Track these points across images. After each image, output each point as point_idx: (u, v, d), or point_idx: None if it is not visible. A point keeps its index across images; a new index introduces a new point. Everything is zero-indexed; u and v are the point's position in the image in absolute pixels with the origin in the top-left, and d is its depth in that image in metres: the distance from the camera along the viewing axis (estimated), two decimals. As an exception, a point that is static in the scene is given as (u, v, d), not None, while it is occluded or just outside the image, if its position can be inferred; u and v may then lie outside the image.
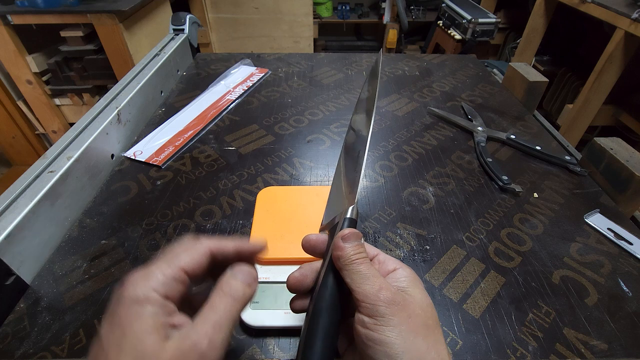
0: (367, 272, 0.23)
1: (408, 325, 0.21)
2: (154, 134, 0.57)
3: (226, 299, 0.21)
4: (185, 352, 0.18)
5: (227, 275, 0.23)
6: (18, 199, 0.37)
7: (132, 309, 0.18)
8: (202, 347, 0.18)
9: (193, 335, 0.19)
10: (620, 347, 0.31)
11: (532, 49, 1.70)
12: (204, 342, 0.18)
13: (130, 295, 0.19)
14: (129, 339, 0.18)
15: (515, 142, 0.56)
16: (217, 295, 0.21)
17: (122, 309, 0.18)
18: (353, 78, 0.76)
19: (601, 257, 0.40)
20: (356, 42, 2.76)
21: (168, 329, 0.19)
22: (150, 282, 0.19)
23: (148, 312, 0.18)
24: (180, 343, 0.18)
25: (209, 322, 0.20)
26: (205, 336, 0.19)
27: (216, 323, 0.20)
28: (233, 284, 0.22)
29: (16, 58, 1.29)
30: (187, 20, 0.81)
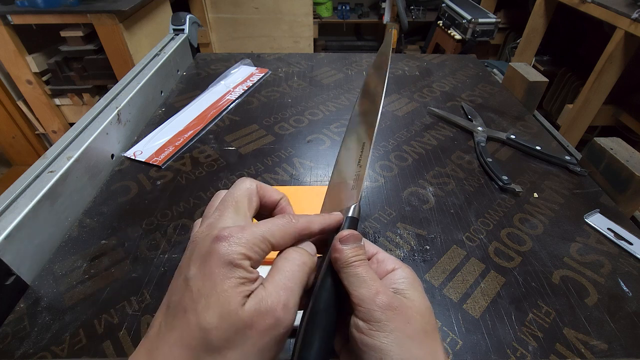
0: (365, 275, 0.22)
1: (405, 331, 0.20)
2: (154, 134, 0.57)
3: (294, 264, 0.21)
4: (262, 314, 0.18)
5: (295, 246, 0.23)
6: (18, 199, 0.37)
7: (225, 269, 0.19)
8: (278, 312, 0.19)
9: (269, 299, 0.19)
10: (620, 347, 0.31)
11: (532, 49, 1.70)
12: (279, 307, 0.19)
13: (226, 254, 0.19)
14: (218, 296, 0.18)
15: (515, 142, 0.56)
16: (285, 260, 0.21)
17: (216, 265, 0.19)
18: (353, 78, 0.76)
19: (601, 257, 0.40)
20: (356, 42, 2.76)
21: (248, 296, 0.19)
22: (243, 247, 0.20)
23: (237, 275, 0.19)
24: (258, 305, 0.19)
25: (281, 286, 0.20)
26: (279, 301, 0.19)
27: (287, 286, 0.20)
28: (300, 251, 0.22)
29: (16, 58, 1.29)
30: (187, 20, 0.81)
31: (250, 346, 0.18)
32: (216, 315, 0.18)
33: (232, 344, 0.18)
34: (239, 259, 0.19)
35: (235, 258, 0.19)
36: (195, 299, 0.18)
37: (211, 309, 0.18)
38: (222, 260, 0.19)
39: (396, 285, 0.23)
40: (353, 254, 0.23)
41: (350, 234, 0.24)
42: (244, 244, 0.20)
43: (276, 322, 0.19)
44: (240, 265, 0.19)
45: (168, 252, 0.39)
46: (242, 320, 0.18)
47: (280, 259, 0.22)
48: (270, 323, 0.19)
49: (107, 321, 0.33)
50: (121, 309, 0.34)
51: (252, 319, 0.18)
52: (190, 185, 0.48)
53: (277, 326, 0.19)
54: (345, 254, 0.23)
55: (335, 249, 0.24)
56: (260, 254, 0.20)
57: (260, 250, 0.20)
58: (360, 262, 0.23)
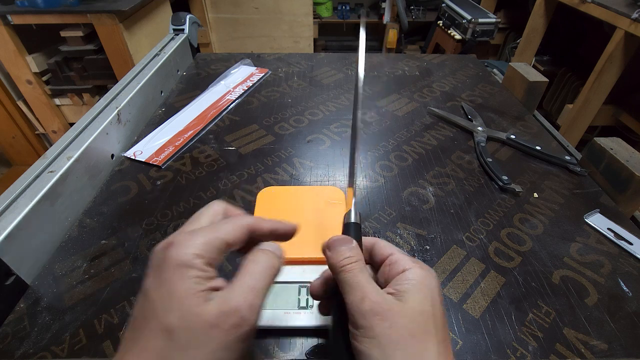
0: (352, 281, 0.22)
1: (388, 336, 0.20)
2: (154, 134, 0.57)
3: (261, 266, 0.22)
4: (226, 314, 0.19)
5: (260, 247, 0.24)
6: (18, 199, 0.37)
7: (178, 271, 0.19)
8: (243, 311, 0.19)
9: (233, 299, 0.19)
10: (620, 347, 0.31)
11: (532, 49, 1.70)
12: (244, 307, 0.19)
13: (177, 257, 0.19)
14: (176, 298, 0.18)
15: (515, 142, 0.56)
16: (252, 263, 0.22)
17: (169, 270, 0.19)
18: (353, 78, 0.76)
19: (601, 257, 0.40)
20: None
21: (209, 292, 0.19)
22: (194, 247, 0.20)
23: (191, 275, 0.19)
24: (222, 305, 0.19)
25: (246, 286, 0.20)
26: (245, 301, 0.20)
27: (254, 288, 0.21)
28: (267, 254, 0.23)
29: (16, 58, 1.29)
30: (187, 20, 0.81)
31: (215, 345, 0.18)
32: (177, 317, 0.18)
33: (197, 344, 0.18)
34: (191, 259, 0.19)
35: (186, 260, 0.19)
36: (154, 307, 0.19)
37: (171, 311, 0.18)
38: (174, 264, 0.19)
39: (399, 286, 0.23)
40: (341, 259, 0.23)
41: (336, 240, 0.25)
42: (194, 245, 0.20)
43: (241, 322, 0.19)
44: (193, 265, 0.19)
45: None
46: (206, 320, 0.18)
47: (248, 261, 0.22)
48: (235, 322, 0.19)
49: (107, 321, 0.33)
50: (121, 309, 0.34)
51: (217, 319, 0.18)
52: (190, 185, 0.48)
53: (242, 325, 0.19)
54: (332, 261, 0.24)
55: (325, 256, 0.24)
56: (214, 251, 0.21)
57: (213, 248, 0.21)
58: (349, 267, 0.23)
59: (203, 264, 0.20)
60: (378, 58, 0.84)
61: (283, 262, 0.24)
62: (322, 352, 0.31)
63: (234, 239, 0.22)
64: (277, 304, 0.32)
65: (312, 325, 0.31)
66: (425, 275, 0.23)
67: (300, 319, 0.31)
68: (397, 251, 0.25)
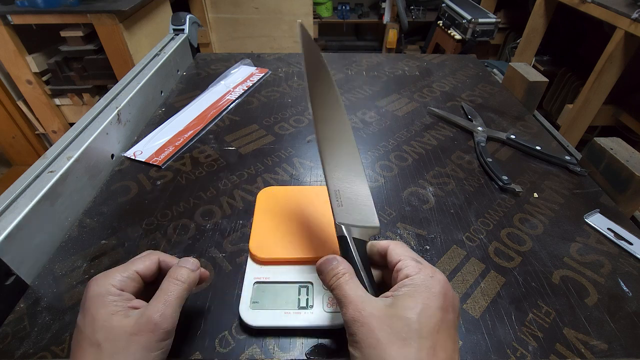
0: (340, 295, 0.25)
1: (366, 341, 0.22)
2: (154, 134, 0.57)
3: (173, 282, 0.27)
4: (142, 324, 0.24)
5: (175, 265, 0.28)
6: (18, 199, 0.37)
7: (98, 300, 0.25)
8: (155, 319, 0.24)
9: (148, 311, 0.24)
10: (620, 347, 0.31)
11: (532, 49, 1.70)
12: (156, 315, 0.24)
13: (95, 290, 0.25)
14: (99, 320, 0.24)
15: (515, 142, 0.56)
16: (167, 281, 0.27)
17: (90, 302, 0.25)
18: (353, 78, 0.76)
19: (601, 257, 0.40)
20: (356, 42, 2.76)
21: (128, 310, 0.25)
22: (109, 280, 0.26)
23: (109, 300, 0.25)
24: (138, 318, 0.24)
25: (160, 301, 0.25)
26: (157, 311, 0.24)
27: (165, 301, 0.25)
28: (179, 270, 0.28)
29: (16, 58, 1.29)
30: (187, 20, 0.81)
31: (136, 348, 0.23)
32: (102, 333, 0.23)
33: (121, 350, 0.23)
34: (108, 289, 0.25)
35: (104, 290, 0.25)
36: (84, 331, 0.24)
37: (97, 330, 0.23)
38: (94, 295, 0.25)
39: (396, 292, 0.24)
40: (328, 280, 0.26)
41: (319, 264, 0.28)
42: (111, 278, 0.26)
43: (154, 327, 0.24)
44: (110, 292, 0.25)
45: (168, 252, 0.39)
46: (126, 330, 0.23)
47: (164, 281, 0.27)
48: (150, 328, 0.24)
49: (107, 321, 0.33)
50: (121, 309, 0.34)
51: (134, 328, 0.23)
52: (190, 185, 0.48)
53: (156, 330, 0.24)
54: (324, 283, 0.27)
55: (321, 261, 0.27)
56: (127, 282, 0.26)
57: (127, 278, 0.26)
58: (335, 284, 0.26)
59: (118, 290, 0.25)
60: (378, 58, 0.84)
61: (199, 273, 0.29)
62: (323, 352, 0.31)
63: (145, 270, 0.28)
64: (277, 304, 0.32)
65: (312, 325, 0.31)
66: (423, 282, 0.24)
67: (300, 319, 0.31)
68: (406, 256, 0.26)
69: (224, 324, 0.32)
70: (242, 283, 0.34)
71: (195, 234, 0.41)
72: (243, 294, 0.33)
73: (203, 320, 0.33)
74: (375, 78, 0.76)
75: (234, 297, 0.35)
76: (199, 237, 0.41)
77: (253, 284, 0.34)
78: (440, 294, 0.23)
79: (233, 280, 0.36)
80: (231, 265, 0.38)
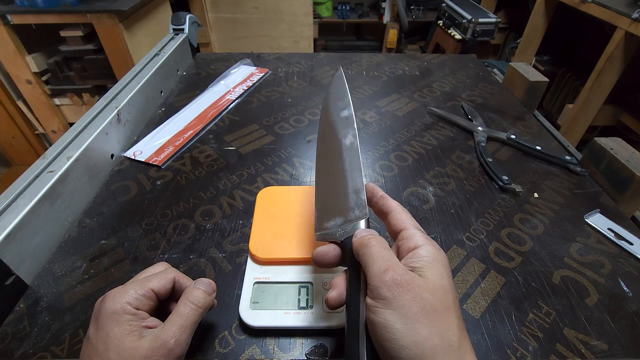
0: (376, 254, 0.23)
1: (410, 308, 0.21)
2: (153, 133, 0.57)
3: (189, 305, 0.26)
4: (156, 348, 0.23)
5: (191, 287, 0.28)
6: (18, 199, 0.37)
7: (113, 317, 0.24)
8: (170, 345, 0.24)
9: (163, 335, 0.24)
10: (620, 347, 0.31)
11: (532, 49, 1.70)
12: (171, 341, 0.24)
13: (111, 307, 0.24)
14: (112, 339, 0.23)
15: (515, 142, 0.56)
16: (182, 304, 0.26)
17: (105, 319, 0.24)
18: (353, 78, 0.76)
19: (601, 257, 0.40)
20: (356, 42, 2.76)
21: (143, 330, 0.24)
22: (125, 297, 0.25)
23: (125, 319, 0.24)
24: (153, 342, 0.24)
25: (175, 325, 0.25)
26: (172, 336, 0.24)
27: (181, 326, 0.25)
28: (195, 293, 0.27)
29: (16, 58, 1.29)
30: (187, 20, 0.81)
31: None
32: (115, 353, 0.23)
33: None
34: (123, 307, 0.24)
35: (119, 308, 0.24)
36: (96, 348, 0.23)
37: (110, 350, 0.23)
38: (108, 312, 0.24)
39: (414, 263, 0.23)
40: (367, 236, 0.25)
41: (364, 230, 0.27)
42: (126, 295, 0.25)
43: (169, 352, 0.24)
44: (125, 311, 0.24)
45: (168, 252, 0.39)
46: (139, 353, 0.23)
47: (180, 302, 0.27)
48: (163, 354, 0.23)
49: (106, 321, 0.33)
50: (121, 309, 0.34)
51: (148, 352, 0.23)
52: (190, 185, 0.48)
53: (170, 355, 0.24)
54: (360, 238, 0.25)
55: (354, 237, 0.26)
56: (143, 299, 0.26)
57: (142, 296, 0.26)
58: (374, 243, 0.24)
59: (133, 309, 0.25)
60: (378, 58, 0.84)
61: (214, 295, 0.29)
62: (323, 352, 0.31)
63: (160, 289, 0.27)
64: (277, 304, 0.32)
65: (312, 325, 0.31)
66: (437, 253, 0.24)
67: (300, 319, 0.31)
68: (410, 225, 0.26)
69: (224, 324, 0.32)
70: (242, 283, 0.34)
71: (195, 234, 0.41)
72: (243, 294, 0.33)
73: (203, 321, 0.33)
74: (375, 78, 0.76)
75: (233, 297, 0.34)
76: (198, 237, 0.41)
77: (253, 284, 0.34)
78: (448, 266, 0.24)
79: (233, 280, 0.36)
80: (231, 266, 0.38)
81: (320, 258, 0.27)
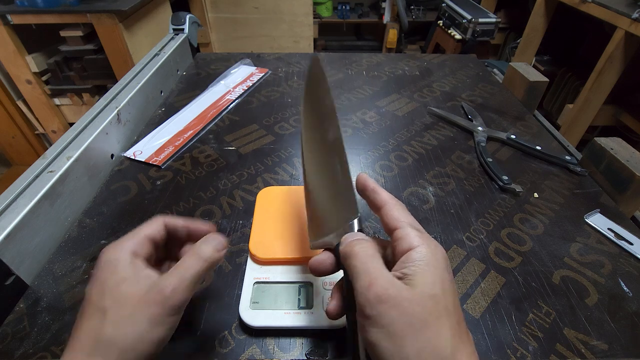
0: (360, 266, 0.22)
1: (397, 325, 0.19)
2: (153, 133, 0.57)
3: (193, 258, 0.25)
4: (152, 294, 0.23)
5: (200, 241, 0.27)
6: (18, 199, 0.37)
7: (108, 266, 0.24)
8: (166, 292, 0.23)
9: (161, 283, 0.23)
10: (620, 347, 0.31)
11: (532, 49, 1.70)
12: (167, 289, 0.23)
13: (106, 257, 0.24)
14: (108, 286, 0.23)
15: (515, 142, 0.56)
16: (187, 255, 0.25)
17: (101, 270, 0.24)
18: (353, 78, 0.76)
19: (601, 257, 0.40)
20: (356, 42, 2.76)
21: (140, 278, 0.24)
22: (120, 246, 0.25)
23: (121, 267, 0.24)
24: (150, 288, 0.23)
25: (175, 274, 0.24)
26: (170, 285, 0.23)
27: (181, 276, 0.24)
28: (203, 247, 0.26)
29: (16, 58, 1.29)
30: (187, 20, 0.81)
31: (141, 317, 0.22)
32: (110, 299, 0.22)
33: (127, 318, 0.22)
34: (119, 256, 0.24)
35: (114, 257, 0.24)
36: (90, 298, 0.23)
37: (104, 296, 0.22)
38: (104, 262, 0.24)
39: (406, 269, 0.22)
40: (352, 243, 0.24)
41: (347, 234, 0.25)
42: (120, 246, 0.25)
43: (164, 300, 0.22)
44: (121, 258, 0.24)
45: (168, 252, 0.39)
46: (134, 297, 0.22)
47: (187, 253, 0.26)
48: (159, 299, 0.22)
49: (106, 321, 0.33)
50: (121, 309, 0.34)
51: (144, 296, 0.22)
52: (190, 185, 0.48)
53: (165, 303, 0.22)
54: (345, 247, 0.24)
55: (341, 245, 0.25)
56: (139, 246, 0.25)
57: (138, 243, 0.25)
58: (358, 251, 0.23)
59: (130, 256, 0.24)
60: (378, 58, 0.84)
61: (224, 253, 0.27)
62: (323, 352, 0.31)
63: (153, 233, 0.27)
64: (277, 304, 0.32)
65: (312, 325, 0.31)
66: (432, 254, 0.22)
67: (300, 319, 0.31)
68: (404, 223, 0.24)
69: (224, 324, 0.32)
70: (242, 283, 0.34)
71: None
72: (243, 294, 0.33)
73: (203, 321, 0.33)
74: (375, 78, 0.76)
75: (233, 297, 0.34)
76: (198, 237, 0.41)
77: (253, 284, 0.34)
78: (447, 265, 0.22)
79: (233, 280, 0.36)
80: (231, 265, 0.38)
81: (317, 267, 0.27)
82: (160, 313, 0.22)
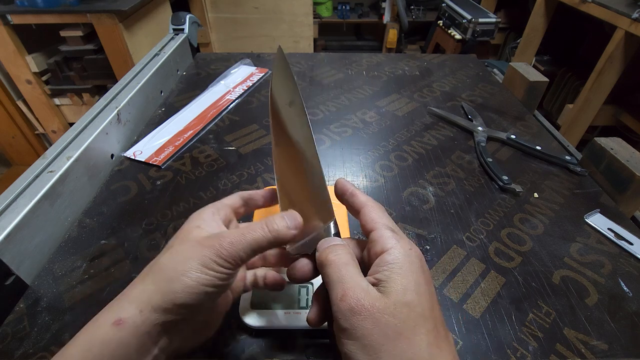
0: (333, 275, 0.22)
1: (371, 337, 0.19)
2: (153, 133, 0.57)
3: (261, 224, 0.24)
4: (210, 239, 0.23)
5: (278, 213, 0.26)
6: (18, 199, 0.37)
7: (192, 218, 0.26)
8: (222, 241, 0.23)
9: (222, 233, 0.24)
10: (620, 347, 0.31)
11: (532, 49, 1.70)
12: (225, 240, 0.23)
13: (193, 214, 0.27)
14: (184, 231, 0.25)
15: (515, 142, 0.56)
16: (257, 222, 0.25)
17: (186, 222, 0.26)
18: (353, 78, 0.76)
19: (601, 257, 0.40)
20: (356, 42, 2.76)
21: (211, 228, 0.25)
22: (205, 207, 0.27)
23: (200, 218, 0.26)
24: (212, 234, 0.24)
25: (237, 231, 0.24)
26: (228, 236, 0.23)
27: (242, 234, 0.23)
28: (276, 219, 0.25)
29: (16, 58, 1.29)
30: (187, 20, 0.81)
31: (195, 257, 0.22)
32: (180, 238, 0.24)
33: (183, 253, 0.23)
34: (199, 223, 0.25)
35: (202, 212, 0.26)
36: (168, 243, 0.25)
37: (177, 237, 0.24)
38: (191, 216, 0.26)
39: (379, 274, 0.21)
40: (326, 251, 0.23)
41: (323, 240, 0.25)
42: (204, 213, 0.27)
43: (218, 246, 0.22)
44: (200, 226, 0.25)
45: (168, 252, 0.39)
46: (196, 239, 0.23)
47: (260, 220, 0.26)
48: (213, 244, 0.23)
49: (106, 321, 0.33)
50: (121, 309, 0.34)
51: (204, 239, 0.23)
52: (190, 185, 0.48)
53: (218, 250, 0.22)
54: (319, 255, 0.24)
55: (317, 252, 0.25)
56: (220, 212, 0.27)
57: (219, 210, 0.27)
58: (332, 259, 0.23)
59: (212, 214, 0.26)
60: (378, 58, 0.84)
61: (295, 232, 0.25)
62: (323, 352, 0.31)
63: (232, 202, 0.29)
64: (277, 305, 0.32)
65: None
66: (406, 256, 0.22)
67: (300, 319, 0.31)
68: (380, 224, 0.24)
69: (224, 324, 0.32)
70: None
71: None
72: (243, 295, 0.33)
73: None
74: (375, 78, 0.76)
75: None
76: (198, 237, 0.41)
77: (253, 284, 0.34)
78: (422, 267, 0.22)
79: (233, 280, 0.36)
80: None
81: (294, 274, 0.25)
82: (211, 258, 0.22)
